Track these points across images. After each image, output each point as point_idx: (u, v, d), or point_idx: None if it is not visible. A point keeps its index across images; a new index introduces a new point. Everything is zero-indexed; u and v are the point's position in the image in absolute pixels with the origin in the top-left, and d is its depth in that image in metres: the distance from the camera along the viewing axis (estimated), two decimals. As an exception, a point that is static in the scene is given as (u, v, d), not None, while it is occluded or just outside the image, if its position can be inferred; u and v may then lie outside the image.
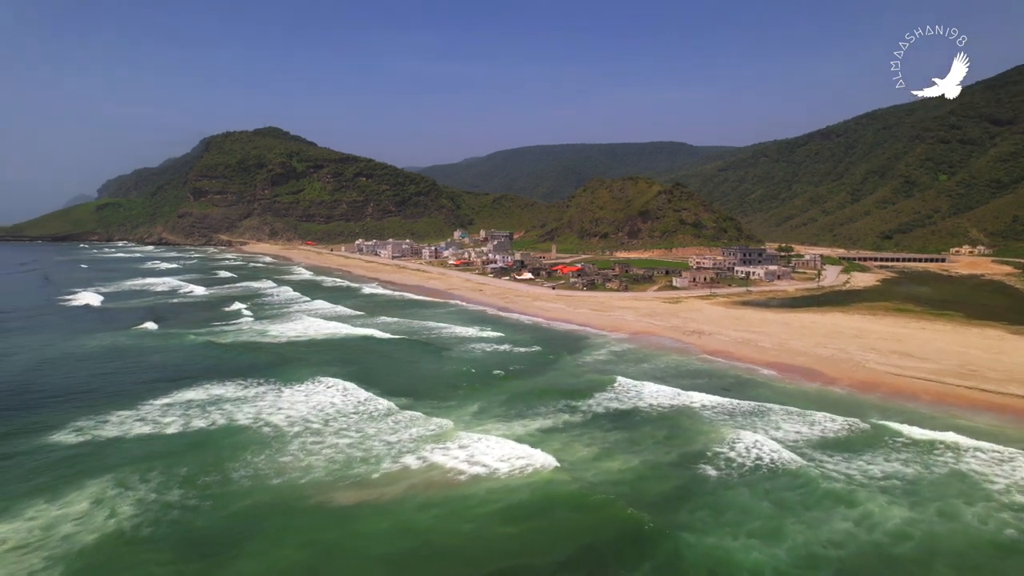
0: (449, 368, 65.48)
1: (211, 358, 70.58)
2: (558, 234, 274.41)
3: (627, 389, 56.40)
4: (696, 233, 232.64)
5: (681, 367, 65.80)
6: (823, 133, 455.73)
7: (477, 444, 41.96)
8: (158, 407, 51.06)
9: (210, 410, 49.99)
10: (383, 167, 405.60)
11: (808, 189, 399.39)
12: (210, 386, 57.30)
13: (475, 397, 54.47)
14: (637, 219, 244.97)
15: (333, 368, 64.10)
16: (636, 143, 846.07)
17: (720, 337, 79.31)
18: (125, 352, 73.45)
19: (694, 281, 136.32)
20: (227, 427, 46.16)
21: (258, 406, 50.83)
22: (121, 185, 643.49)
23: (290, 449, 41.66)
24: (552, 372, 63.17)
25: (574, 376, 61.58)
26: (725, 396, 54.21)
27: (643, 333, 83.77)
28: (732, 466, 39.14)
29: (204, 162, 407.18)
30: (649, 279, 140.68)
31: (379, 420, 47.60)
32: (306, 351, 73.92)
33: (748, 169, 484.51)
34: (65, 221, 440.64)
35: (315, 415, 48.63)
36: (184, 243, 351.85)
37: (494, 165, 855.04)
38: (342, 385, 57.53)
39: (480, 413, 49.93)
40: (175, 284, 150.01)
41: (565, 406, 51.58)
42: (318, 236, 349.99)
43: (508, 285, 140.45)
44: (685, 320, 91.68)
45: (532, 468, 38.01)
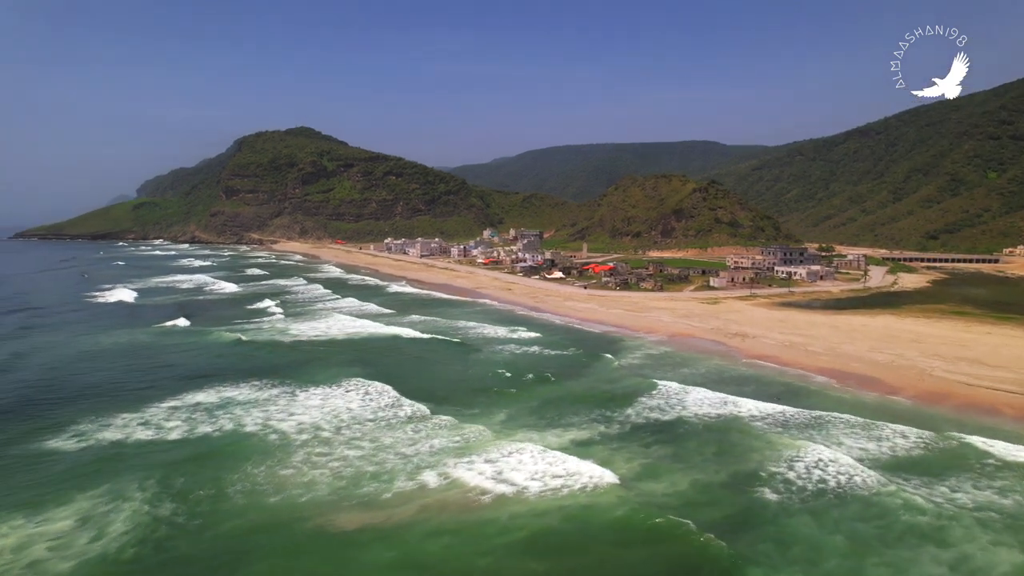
0: (476, 371, 61.47)
1: (229, 357, 67.72)
2: (589, 233, 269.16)
3: (668, 396, 51.71)
4: (732, 232, 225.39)
5: (724, 372, 60.80)
6: (862, 131, 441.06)
7: (507, 458, 37.62)
8: (164, 410, 47.95)
9: (218, 414, 46.67)
10: (413, 166, 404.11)
11: (846, 188, 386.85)
12: (223, 387, 54.14)
13: (503, 403, 50.31)
14: (671, 218, 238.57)
15: (354, 369, 60.58)
16: (667, 142, 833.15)
17: (765, 340, 73.96)
18: (143, 350, 71.00)
19: (732, 281, 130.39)
20: (232, 434, 42.70)
21: (268, 411, 47.34)
22: (158, 185, 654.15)
23: (294, 461, 37.85)
24: (586, 376, 58.69)
25: (610, 381, 57.04)
26: (776, 405, 49.20)
27: (681, 335, 78.77)
28: (793, 489, 34.30)
29: (236, 161, 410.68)
30: (685, 279, 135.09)
31: (397, 428, 43.68)
32: (328, 351, 70.62)
33: (783, 168, 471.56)
34: (103, 220, 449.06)
35: (328, 422, 44.90)
36: (216, 241, 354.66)
37: (524, 165, 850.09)
38: (362, 388, 53.93)
39: (509, 421, 45.72)
40: (206, 281, 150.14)
41: (601, 415, 47.13)
42: (347, 235, 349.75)
43: (538, 284, 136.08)
44: (726, 322, 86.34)
45: (568, 489, 33.64)
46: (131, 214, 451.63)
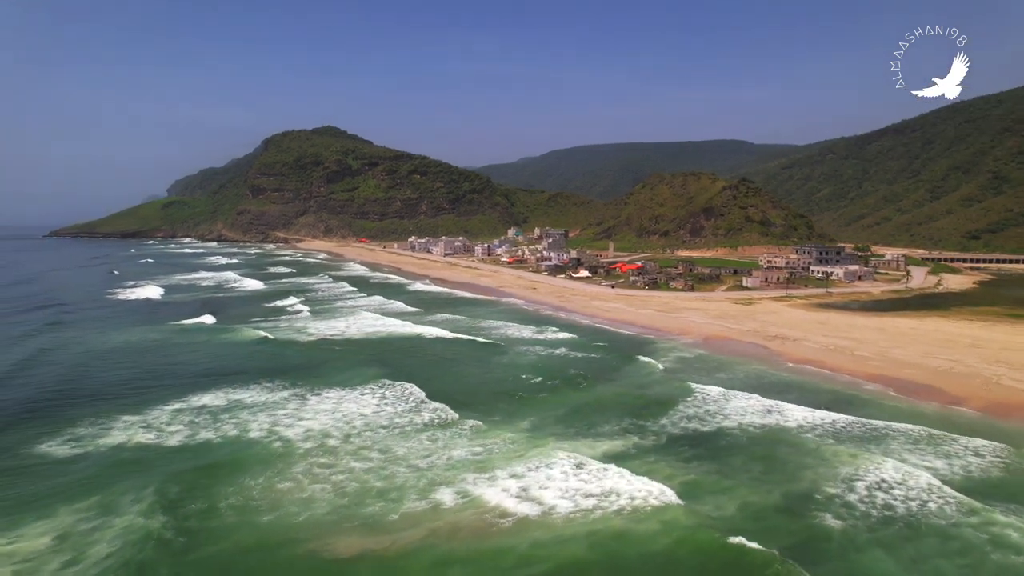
0: (500, 374, 57.86)
1: (245, 356, 65.07)
2: (615, 232, 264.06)
3: (706, 403, 47.61)
4: (763, 231, 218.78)
5: (765, 378, 56.42)
6: (897, 128, 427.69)
7: (534, 473, 33.85)
8: (168, 413, 45.14)
9: (222, 419, 43.69)
10: (437, 164, 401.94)
11: (880, 187, 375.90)
12: (232, 389, 51.29)
13: (529, 410, 46.58)
14: (700, 216, 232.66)
15: (371, 370, 57.41)
16: (694, 141, 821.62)
17: (807, 343, 69.26)
18: (159, 348, 68.67)
19: (766, 281, 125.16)
20: (234, 441, 39.61)
21: (276, 415, 44.22)
22: (187, 184, 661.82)
23: (294, 472, 34.48)
24: (616, 381, 54.74)
25: (642, 386, 53.05)
26: (826, 415, 44.84)
27: (716, 337, 74.37)
28: (856, 515, 30.12)
29: (263, 160, 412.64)
30: (716, 278, 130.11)
31: (412, 437, 40.22)
32: (346, 350, 67.66)
33: (814, 167, 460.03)
34: (133, 218, 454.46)
35: (338, 428, 41.58)
36: (242, 240, 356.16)
37: (549, 164, 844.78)
38: (378, 391, 50.72)
39: (535, 430, 41.93)
40: (231, 278, 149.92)
41: (634, 424, 43.19)
42: (372, 233, 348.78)
43: (564, 283, 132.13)
44: (763, 323, 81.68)
45: (602, 511, 29.83)
46: (160, 213, 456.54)
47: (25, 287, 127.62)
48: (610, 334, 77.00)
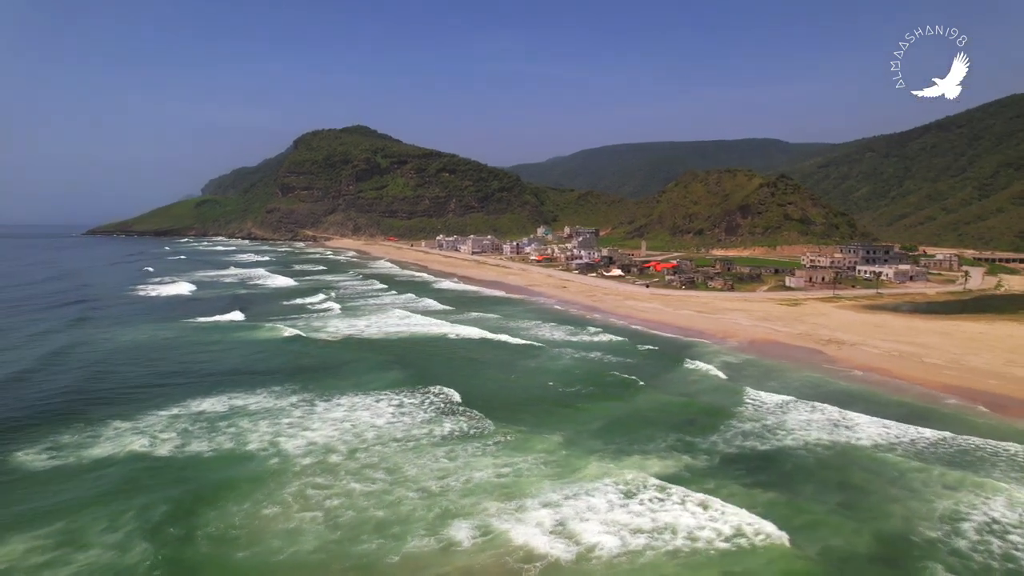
0: (528, 380, 52.71)
1: (259, 356, 61.05)
2: (647, 231, 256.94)
3: (762, 416, 41.87)
4: (803, 230, 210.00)
5: (824, 387, 50.35)
6: (941, 124, 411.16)
7: (571, 501, 28.52)
8: (164, 420, 40.90)
9: (220, 427, 39.26)
10: (466, 162, 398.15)
11: (923, 185, 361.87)
12: (238, 392, 47.02)
13: (562, 422, 41.28)
14: (736, 214, 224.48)
15: (390, 374, 52.83)
16: (727, 140, 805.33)
17: (867, 349, 62.79)
18: (173, 347, 64.88)
19: (810, 281, 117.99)
20: (228, 455, 35.07)
21: (279, 425, 39.63)
22: (221, 184, 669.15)
23: (284, 495, 29.68)
24: (658, 390, 49.17)
25: (687, 396, 47.44)
26: (903, 433, 38.80)
27: (764, 341, 68.22)
28: (971, 568, 24.32)
29: (292, 159, 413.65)
30: (757, 278, 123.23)
31: (427, 453, 35.26)
32: (365, 351, 63.13)
33: (852, 165, 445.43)
34: (166, 217, 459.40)
35: (344, 441, 36.75)
36: (271, 238, 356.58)
37: (579, 164, 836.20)
38: (395, 397, 46.02)
39: (570, 446, 36.63)
40: (261, 275, 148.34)
41: (682, 441, 37.65)
42: (400, 232, 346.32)
43: (595, 282, 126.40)
44: (813, 326, 75.19)
45: (653, 553, 24.53)
46: (192, 211, 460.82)
47: (59, 283, 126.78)
48: (648, 336, 71.26)
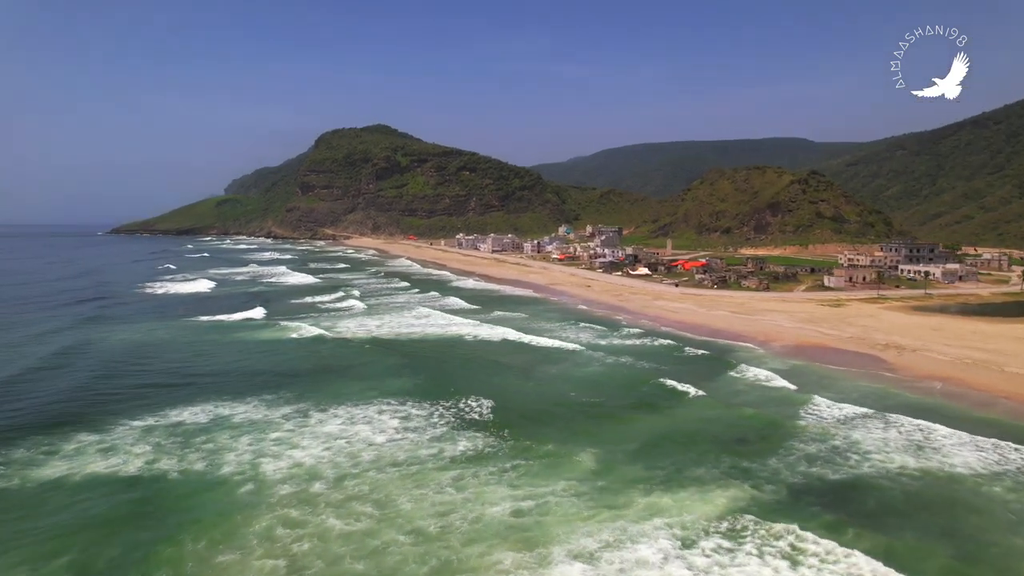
0: (551, 388, 47.22)
1: (258, 357, 56.74)
2: (672, 230, 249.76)
3: (825, 434, 35.93)
4: (836, 228, 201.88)
5: (890, 399, 44.15)
6: (976, 121, 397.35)
7: (612, 553, 22.89)
8: (135, 432, 36.05)
9: (195, 442, 34.27)
10: (487, 160, 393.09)
11: (958, 184, 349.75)
12: (224, 400, 42.19)
13: (592, 439, 35.52)
14: (765, 212, 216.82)
15: (398, 381, 47.78)
16: (751, 139, 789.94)
17: (932, 355, 56.32)
18: (166, 347, 60.68)
19: (850, 281, 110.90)
20: (198, 478, 29.94)
21: (264, 441, 34.53)
22: (243, 184, 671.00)
23: (249, 534, 24.46)
24: (699, 401, 43.37)
25: (733, 408, 41.63)
26: (1004, 458, 32.68)
27: (812, 345, 61.99)
28: None
29: (313, 157, 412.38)
30: (792, 277, 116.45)
31: (429, 481, 29.79)
32: (375, 353, 58.31)
33: (882, 164, 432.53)
34: (188, 216, 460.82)
35: (333, 463, 31.44)
36: (291, 236, 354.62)
37: (600, 163, 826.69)
38: (401, 408, 40.88)
39: (605, 473, 30.87)
40: (276, 272, 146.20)
41: (736, 467, 31.84)
42: (420, 231, 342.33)
43: (621, 281, 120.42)
44: (864, 329, 68.69)
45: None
46: (214, 211, 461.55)
47: (78, 280, 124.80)
48: (682, 339, 65.28)
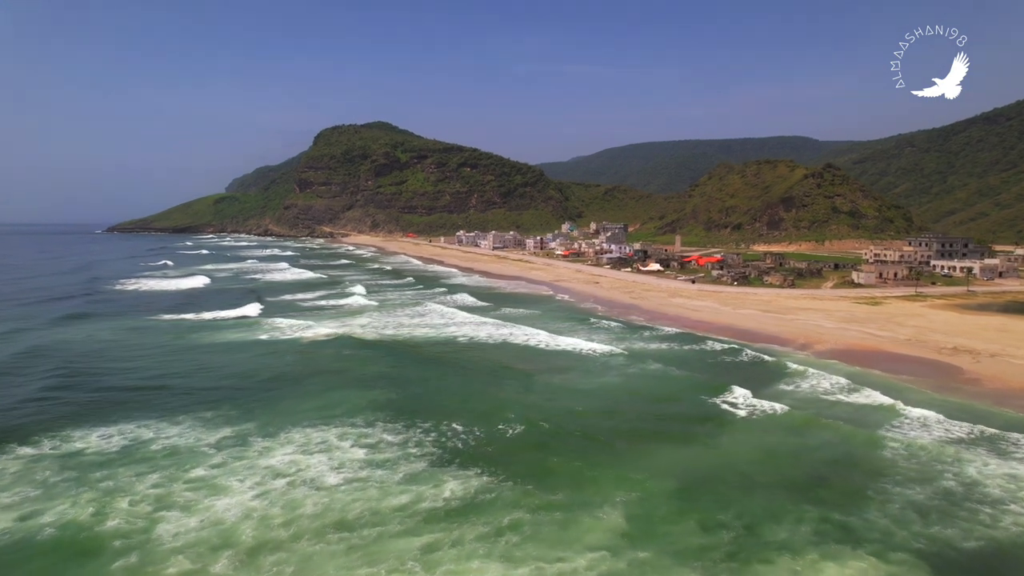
0: (559, 407, 38.06)
1: (204, 362, 47.76)
2: (680, 226, 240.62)
3: (927, 471, 26.88)
4: (853, 224, 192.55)
5: (992, 420, 34.85)
6: (988, 117, 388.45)
7: None
8: (21, 462, 27.23)
9: (89, 480, 25.21)
10: (488, 156, 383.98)
11: (970, 181, 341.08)
12: (148, 419, 33.42)
13: (620, 482, 26.20)
14: (778, 207, 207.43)
15: (369, 394, 39.00)
16: (754, 138, 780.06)
17: (1015, 361, 47.21)
18: (108, 349, 51.88)
19: (881, 277, 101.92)
20: (69, 540, 21.12)
21: (177, 481, 25.32)
22: (243, 183, 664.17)
23: None
24: (747, 423, 34.26)
25: (796, 432, 32.54)
26: None
27: (864, 349, 52.90)
28: None
29: (311, 154, 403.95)
30: (817, 274, 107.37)
31: (386, 551, 20.80)
32: (346, 359, 49.39)
33: (890, 161, 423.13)
34: (185, 214, 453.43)
35: (259, 521, 22.20)
36: (288, 234, 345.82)
37: (603, 163, 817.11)
38: (367, 433, 32.08)
39: (640, 539, 21.60)
40: (257, 268, 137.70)
41: (826, 521, 22.50)
42: (419, 228, 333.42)
43: (632, 277, 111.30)
44: (919, 330, 59.53)
45: None
46: (211, 209, 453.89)
47: (66, 277, 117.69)
48: (711, 342, 56.09)
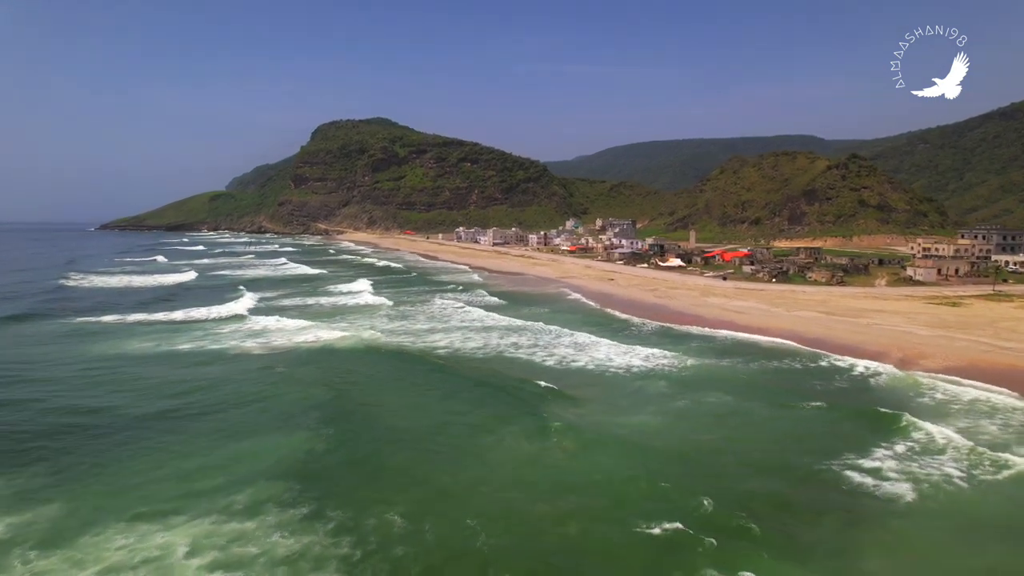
0: (579, 463, 24.29)
1: (80, 385, 33.98)
2: (692, 222, 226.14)
3: None
4: (883, 218, 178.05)
5: None
6: (1004, 112, 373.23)
7: None
8: None
9: None
10: (489, 151, 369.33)
11: (989, 177, 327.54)
12: None
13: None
14: (800, 200, 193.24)
15: (290, 440, 25.68)
16: (760, 137, 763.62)
17: None
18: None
19: (940, 273, 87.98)
20: None
21: None
22: (242, 181, 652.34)
23: None
24: (888, 503, 20.39)
25: (971, 525, 18.66)
26: None
27: (988, 366, 38.85)
28: None
29: (307, 148, 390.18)
30: (864, 270, 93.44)
31: None
32: (279, 382, 35.67)
33: (903, 159, 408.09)
34: (179, 211, 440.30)
35: None
36: (282, 231, 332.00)
37: (606, 161, 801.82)
38: (248, 534, 18.25)
39: None
40: (207, 268, 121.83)
41: None
42: (418, 225, 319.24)
43: (651, 274, 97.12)
44: (1041, 339, 45.47)
45: None
46: (206, 206, 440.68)
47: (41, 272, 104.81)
48: (781, 357, 42.01)
